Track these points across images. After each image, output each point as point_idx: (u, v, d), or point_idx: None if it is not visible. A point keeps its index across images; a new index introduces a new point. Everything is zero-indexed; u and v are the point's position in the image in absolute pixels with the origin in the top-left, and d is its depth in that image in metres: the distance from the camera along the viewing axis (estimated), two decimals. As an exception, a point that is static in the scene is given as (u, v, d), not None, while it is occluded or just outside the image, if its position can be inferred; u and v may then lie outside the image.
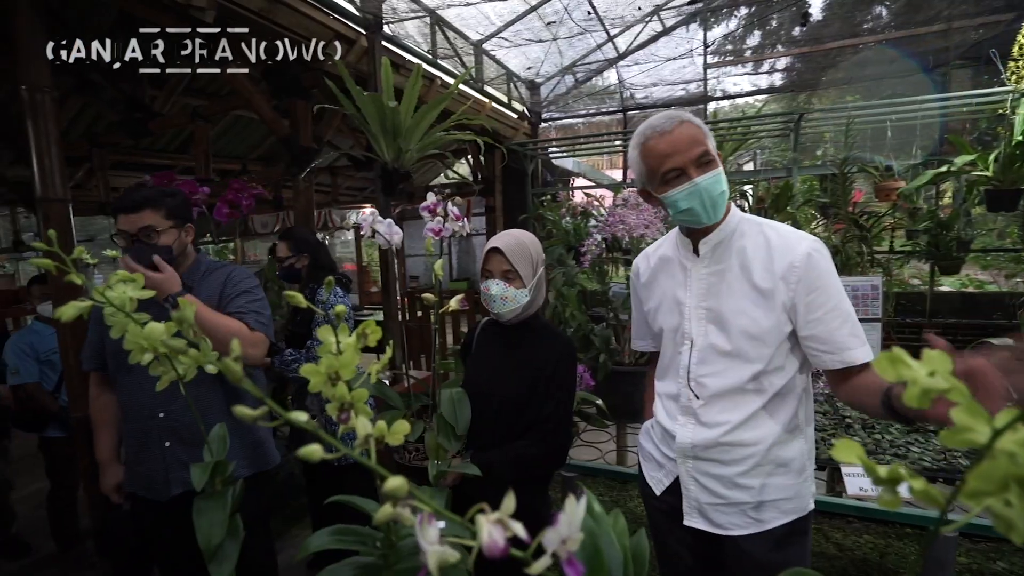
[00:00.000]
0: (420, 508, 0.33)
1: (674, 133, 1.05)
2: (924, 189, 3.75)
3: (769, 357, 1.06)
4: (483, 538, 0.28)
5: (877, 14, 5.63)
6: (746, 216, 1.14)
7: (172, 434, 1.42)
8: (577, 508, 0.33)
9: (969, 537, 2.28)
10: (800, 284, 1.03)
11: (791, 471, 1.08)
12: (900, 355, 0.36)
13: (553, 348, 1.32)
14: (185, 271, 1.48)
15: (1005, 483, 0.28)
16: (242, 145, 5.60)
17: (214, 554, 0.60)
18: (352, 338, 0.48)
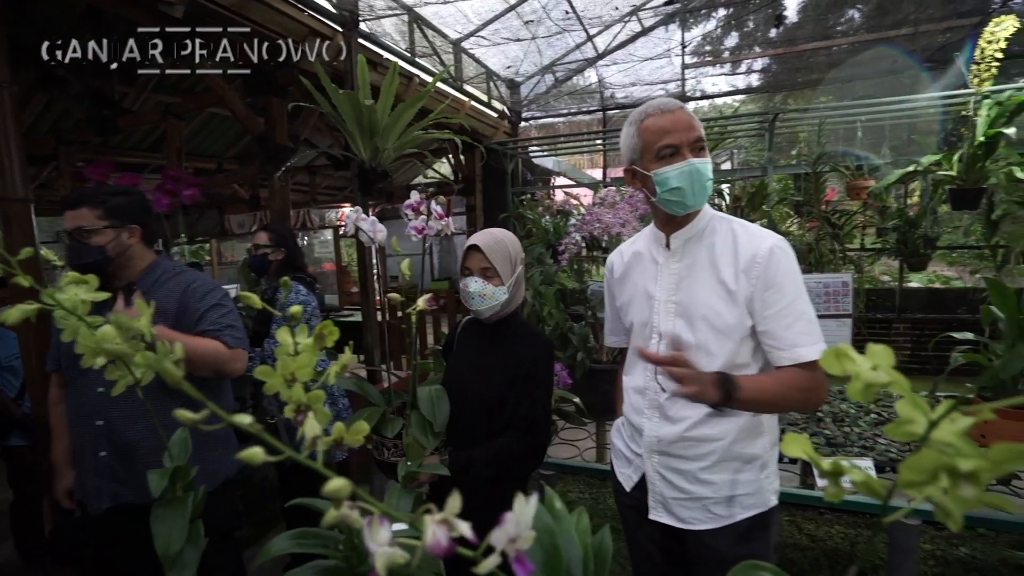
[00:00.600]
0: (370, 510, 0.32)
1: (676, 114, 1.08)
2: (893, 188, 3.86)
3: (733, 352, 1.07)
4: (426, 538, 0.28)
5: (849, 17, 5.77)
6: (717, 214, 1.16)
7: (108, 443, 1.37)
8: (527, 507, 0.33)
9: (933, 525, 2.35)
10: (759, 280, 1.04)
11: (753, 467, 1.10)
12: (845, 350, 0.37)
13: (531, 346, 1.32)
14: (138, 275, 1.43)
15: (935, 473, 0.29)
16: (217, 143, 5.49)
17: (173, 561, 0.59)
18: (310, 339, 0.47)
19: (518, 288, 1.35)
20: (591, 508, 2.72)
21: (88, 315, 0.57)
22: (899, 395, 0.37)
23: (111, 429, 1.37)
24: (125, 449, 1.37)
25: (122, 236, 1.39)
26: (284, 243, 2.21)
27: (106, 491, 1.38)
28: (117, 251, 1.38)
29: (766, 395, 1.02)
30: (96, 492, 1.38)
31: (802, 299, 1.04)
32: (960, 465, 0.27)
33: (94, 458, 1.38)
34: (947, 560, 2.25)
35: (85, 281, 0.57)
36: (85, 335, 0.54)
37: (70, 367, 1.43)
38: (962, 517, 0.35)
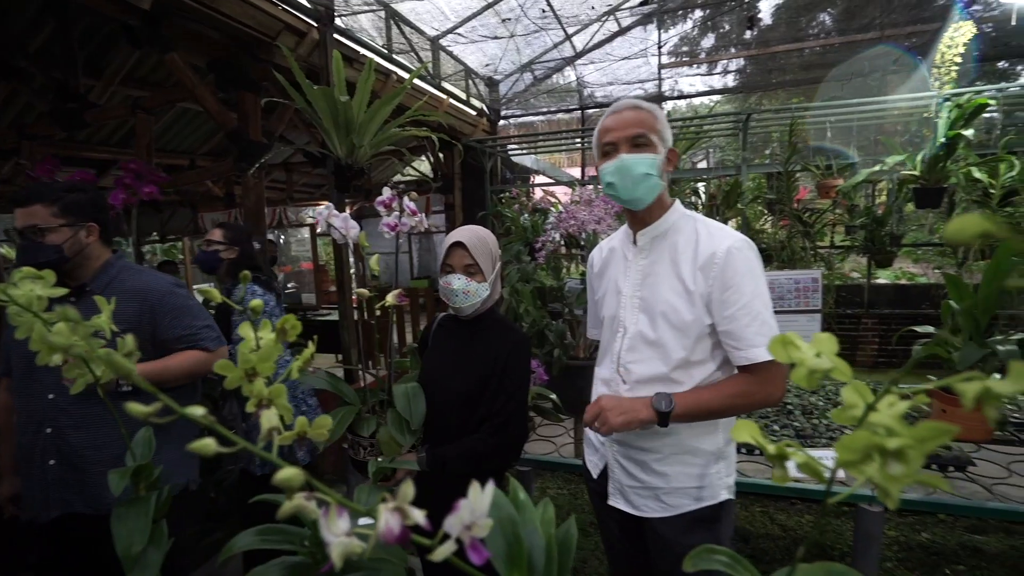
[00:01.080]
0: (326, 501, 0.33)
1: (622, 114, 1.13)
2: (861, 187, 3.97)
3: (690, 349, 1.10)
4: (379, 526, 0.29)
5: (821, 20, 5.91)
6: (687, 213, 1.19)
7: (56, 452, 1.33)
8: (482, 496, 0.34)
9: (897, 512, 2.44)
10: (717, 280, 1.06)
11: (705, 461, 1.13)
12: (792, 338, 0.39)
13: (506, 342, 1.33)
14: (91, 276, 1.38)
15: (868, 452, 0.31)
16: (190, 139, 5.36)
17: (135, 562, 0.58)
18: (272, 334, 0.47)
19: (496, 285, 1.37)
20: (569, 503, 2.75)
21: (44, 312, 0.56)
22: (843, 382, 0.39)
23: (60, 437, 1.33)
24: (74, 458, 1.33)
25: (79, 235, 1.34)
26: (238, 242, 2.13)
27: (55, 500, 1.33)
28: (74, 250, 1.33)
29: (702, 407, 1.06)
30: (44, 501, 1.33)
31: (759, 299, 1.06)
32: (887, 444, 0.29)
33: (43, 466, 1.33)
34: (910, 545, 2.33)
35: (41, 276, 0.55)
36: (40, 332, 0.53)
37: (20, 372, 1.37)
38: (898, 495, 0.36)
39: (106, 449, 1.34)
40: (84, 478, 1.33)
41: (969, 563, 2.19)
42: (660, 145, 1.12)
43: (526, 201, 2.88)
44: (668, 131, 1.15)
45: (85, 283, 1.37)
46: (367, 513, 0.32)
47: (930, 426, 0.29)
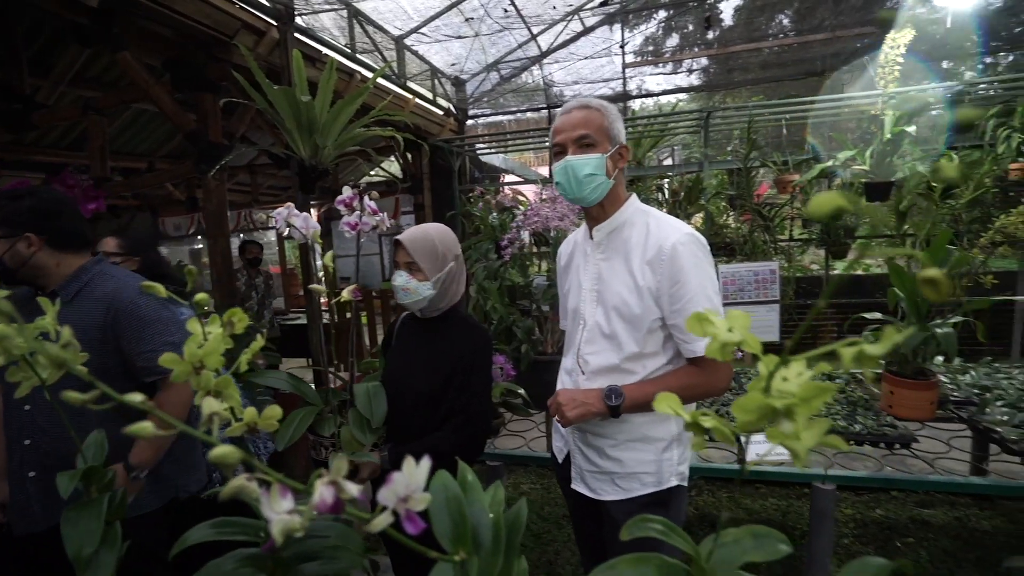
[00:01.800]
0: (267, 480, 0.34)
1: (571, 114, 1.16)
2: (816, 182, 4.13)
3: (641, 341, 1.15)
4: (314, 498, 0.31)
5: (779, 21, 6.11)
6: (641, 208, 1.23)
7: (37, 464, 1.30)
8: (417, 470, 0.36)
9: (854, 491, 2.56)
10: (665, 275, 1.10)
11: (655, 448, 1.19)
12: (707, 315, 0.42)
13: (467, 340, 1.34)
14: (60, 283, 1.34)
15: (760, 412, 0.34)
16: (148, 141, 5.19)
17: (87, 564, 0.58)
18: (219, 329, 0.48)
19: (450, 285, 1.36)
20: (542, 497, 2.78)
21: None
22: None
23: (38, 449, 1.30)
24: (54, 471, 1.30)
25: (18, 246, 1.28)
26: (138, 251, 2.00)
27: (38, 513, 1.30)
28: (16, 262, 1.28)
29: (648, 398, 1.08)
30: (24, 514, 1.31)
31: (704, 294, 1.09)
32: (774, 403, 0.32)
33: (24, 479, 1.31)
34: (865, 522, 2.45)
35: (-20, 279, 0.55)
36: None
37: (4, 381, 1.35)
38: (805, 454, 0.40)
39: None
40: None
41: (918, 535, 2.32)
42: (607, 143, 1.15)
43: (491, 200, 2.90)
44: (618, 127, 1.17)
45: (55, 291, 1.33)
46: (305, 490, 0.34)
47: (810, 386, 0.32)
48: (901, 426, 1.90)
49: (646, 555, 0.50)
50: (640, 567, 0.50)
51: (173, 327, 1.39)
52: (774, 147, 4.26)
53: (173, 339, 1.37)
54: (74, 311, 1.31)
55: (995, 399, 1.98)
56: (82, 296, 1.34)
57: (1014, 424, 1.80)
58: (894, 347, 1.24)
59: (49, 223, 1.34)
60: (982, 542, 2.22)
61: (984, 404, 1.95)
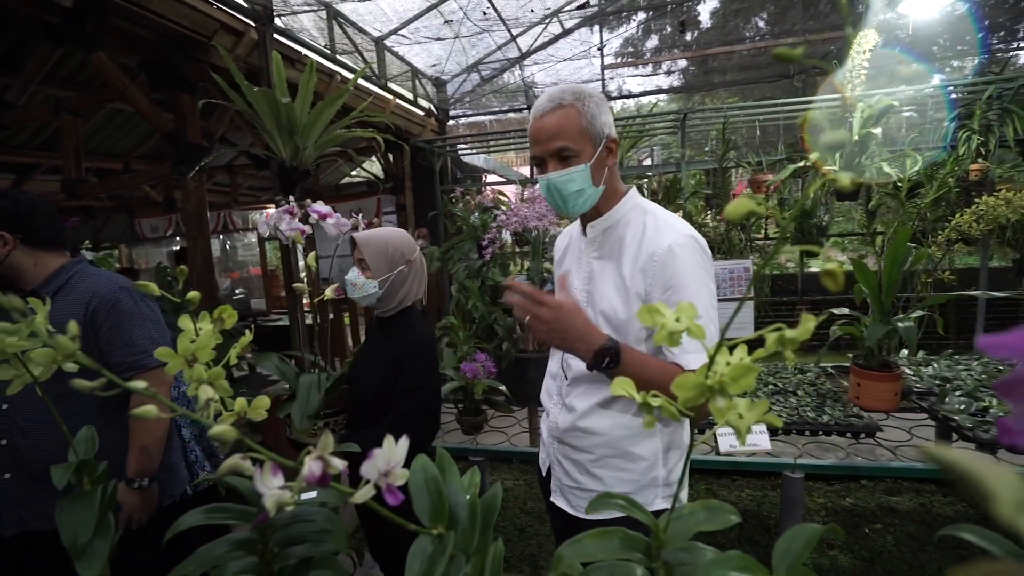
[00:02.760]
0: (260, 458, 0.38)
1: (544, 120, 1.01)
2: (790, 181, 4.26)
3: None
4: (304, 471, 0.34)
5: (754, 24, 6.27)
6: (640, 204, 1.10)
7: (13, 465, 1.30)
8: (396, 448, 0.40)
9: (825, 480, 2.66)
10: (657, 280, 0.99)
11: (637, 468, 1.07)
12: (658, 307, 0.47)
13: (405, 342, 1.38)
14: (40, 282, 1.36)
15: (699, 391, 0.39)
16: (124, 141, 5.10)
17: (82, 553, 0.60)
18: (210, 324, 0.51)
19: (403, 286, 1.41)
20: (525, 493, 2.83)
21: None
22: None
23: (14, 450, 1.30)
24: (30, 472, 1.30)
25: None
26: None
27: (10, 517, 1.30)
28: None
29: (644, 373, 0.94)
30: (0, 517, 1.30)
31: (699, 303, 0.94)
32: (707, 381, 0.37)
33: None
34: (836, 510, 2.55)
35: (-26, 281, 0.57)
36: (-24, 333, 0.54)
37: None
38: (745, 431, 0.45)
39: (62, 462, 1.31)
40: (40, 493, 1.30)
41: (885, 521, 2.42)
42: (590, 147, 1.01)
43: (470, 200, 2.94)
44: (602, 120, 1.02)
45: (35, 289, 1.34)
46: (297, 467, 0.37)
47: (737, 366, 0.37)
48: (867, 416, 1.99)
49: (610, 529, 0.54)
50: (605, 540, 0.54)
51: (150, 323, 1.40)
52: (749, 147, 4.38)
53: (151, 334, 1.39)
54: (54, 309, 1.32)
55: (954, 389, 2.08)
56: (62, 294, 1.35)
57: (970, 412, 1.90)
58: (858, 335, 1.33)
59: (23, 222, 1.35)
60: (944, 526, 2.33)
61: (943, 394, 2.04)
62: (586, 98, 1.01)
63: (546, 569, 2.26)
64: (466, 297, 2.07)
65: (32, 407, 1.30)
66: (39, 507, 1.31)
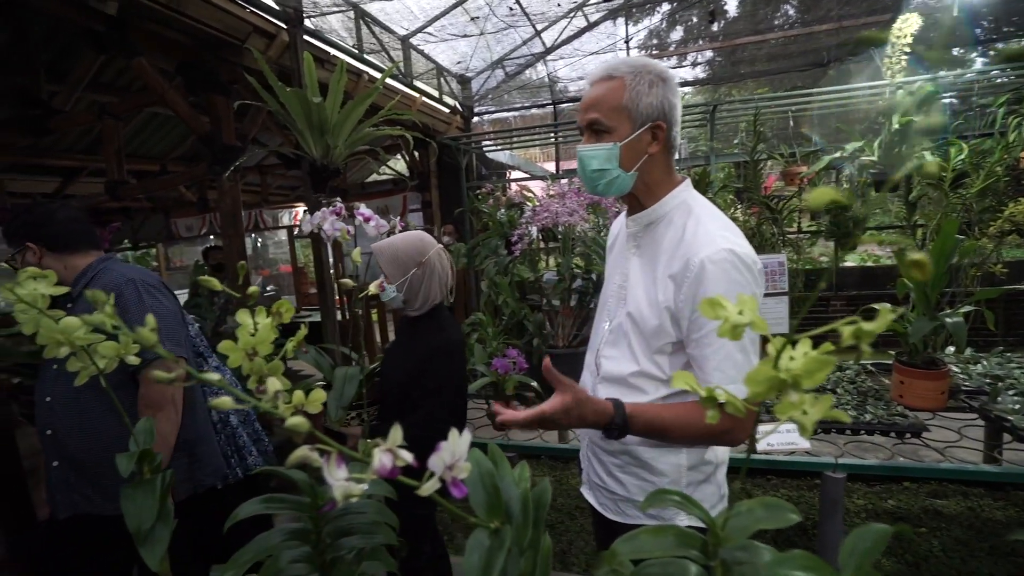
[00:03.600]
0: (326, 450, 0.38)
1: (591, 89, 0.97)
2: (826, 174, 4.13)
3: (653, 360, 0.97)
4: (374, 464, 0.34)
5: (784, 11, 6.09)
6: (688, 202, 1.00)
7: (58, 454, 1.39)
8: (460, 440, 0.40)
9: (864, 480, 2.58)
10: (688, 295, 0.90)
11: (659, 483, 1.01)
12: (719, 300, 0.45)
13: (428, 345, 1.42)
14: (72, 281, 1.45)
15: (770, 385, 0.37)
16: (161, 144, 5.27)
17: (145, 539, 0.62)
18: (267, 318, 0.52)
19: (420, 288, 1.45)
20: (555, 489, 2.82)
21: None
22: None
23: (57, 440, 1.39)
24: (73, 461, 1.39)
25: (26, 257, 1.42)
26: None
27: (62, 501, 1.39)
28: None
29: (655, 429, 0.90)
30: (53, 500, 1.40)
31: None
32: (780, 374, 0.36)
33: (50, 468, 1.40)
34: (877, 512, 2.47)
35: (44, 275, 0.59)
36: (47, 326, 0.57)
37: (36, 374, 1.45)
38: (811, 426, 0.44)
39: (102, 453, 1.38)
40: (88, 480, 1.39)
41: (930, 525, 2.33)
42: (627, 126, 0.94)
43: (501, 196, 2.94)
44: (649, 100, 0.93)
45: (70, 291, 1.43)
46: (365, 461, 0.38)
47: (812, 359, 0.36)
48: (912, 415, 1.92)
49: (664, 526, 0.53)
50: (660, 537, 0.54)
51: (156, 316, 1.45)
52: (781, 139, 4.26)
53: (174, 331, 1.46)
54: (77, 307, 1.43)
55: (1007, 388, 1.99)
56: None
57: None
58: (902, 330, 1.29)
59: (42, 230, 1.45)
60: (995, 531, 2.24)
61: (995, 393, 1.96)
62: (642, 74, 0.93)
63: (577, 565, 2.26)
64: (496, 293, 2.08)
65: (67, 398, 1.38)
66: (88, 491, 1.39)
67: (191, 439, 1.53)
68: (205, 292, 3.10)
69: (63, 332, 0.59)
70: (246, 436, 1.80)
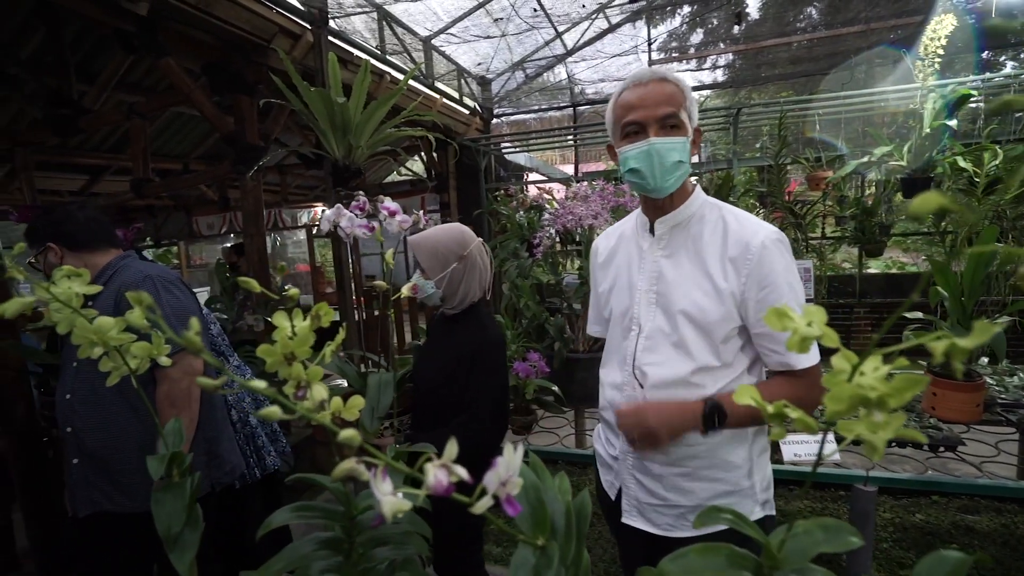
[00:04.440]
0: (374, 463, 0.36)
1: (647, 87, 0.99)
2: (850, 178, 4.04)
3: (715, 351, 1.00)
4: (429, 480, 0.33)
5: (808, 14, 5.98)
6: (710, 200, 1.08)
7: (78, 451, 1.40)
8: (515, 454, 0.38)
9: (892, 494, 2.50)
10: (751, 278, 0.96)
11: (734, 477, 1.01)
12: (786, 310, 0.43)
13: (474, 340, 1.36)
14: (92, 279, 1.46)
15: (853, 402, 0.35)
16: (184, 143, 5.36)
17: (175, 543, 0.61)
18: (307, 321, 0.51)
19: (460, 284, 1.39)
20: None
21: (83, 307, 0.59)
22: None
23: (77, 437, 1.39)
24: (93, 458, 1.39)
25: (48, 257, 1.45)
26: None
27: (82, 498, 1.39)
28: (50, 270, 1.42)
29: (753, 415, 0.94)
30: (74, 498, 1.41)
31: (796, 300, 0.97)
32: (869, 393, 0.33)
33: (70, 465, 1.41)
34: (905, 526, 2.39)
35: (79, 274, 0.59)
36: (82, 326, 0.56)
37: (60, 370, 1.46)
38: (883, 447, 0.41)
39: (121, 450, 1.38)
40: (107, 477, 1.39)
41: (961, 541, 2.25)
42: (688, 126, 1.01)
43: (522, 198, 2.92)
44: (696, 107, 1.03)
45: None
46: (411, 474, 0.36)
47: (904, 378, 0.33)
48: (946, 428, 1.85)
49: (716, 544, 0.51)
50: (710, 557, 0.51)
51: (171, 313, 1.42)
52: (804, 143, 4.18)
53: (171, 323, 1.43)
54: (97, 305, 1.40)
55: (1045, 402, 1.92)
56: (105, 289, 1.42)
57: (1066, 427, 1.74)
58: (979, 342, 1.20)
59: (60, 229, 1.47)
60: (1030, 549, 2.15)
61: (1033, 406, 1.89)
62: (685, 84, 1.02)
63: (595, 573, 2.22)
64: (517, 296, 2.06)
65: (84, 398, 1.39)
66: (107, 489, 1.39)
67: (210, 437, 1.53)
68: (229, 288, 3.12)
69: (97, 332, 0.58)
70: (264, 436, 1.80)
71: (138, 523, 1.37)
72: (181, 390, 1.37)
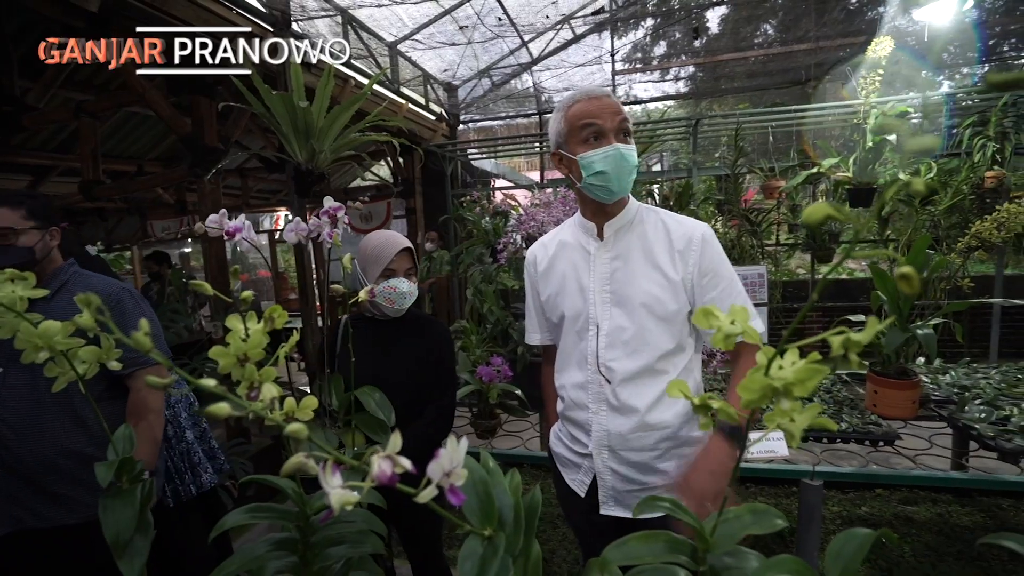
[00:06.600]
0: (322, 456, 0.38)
1: (602, 100, 1.09)
2: (801, 188, 4.24)
3: (673, 337, 1.09)
4: (374, 470, 0.34)
5: (764, 31, 6.26)
6: (643, 205, 1.19)
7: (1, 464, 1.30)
8: (458, 447, 0.40)
9: (839, 488, 2.63)
10: (696, 265, 1.09)
11: (695, 453, 1.06)
12: (711, 309, 0.47)
13: (434, 334, 1.44)
14: (46, 280, 1.37)
15: (764, 393, 0.38)
16: (138, 144, 5.16)
17: (124, 550, 0.61)
18: (259, 324, 0.52)
19: None
20: (537, 498, 2.82)
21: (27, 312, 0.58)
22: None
23: (5, 448, 1.28)
24: (20, 470, 1.29)
25: (47, 237, 1.35)
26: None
27: (3, 516, 1.29)
28: (43, 253, 1.34)
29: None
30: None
31: (736, 280, 1.11)
32: (774, 383, 0.37)
33: None
34: (851, 519, 2.52)
35: (23, 277, 0.58)
36: (27, 331, 0.55)
37: None
38: (799, 434, 0.45)
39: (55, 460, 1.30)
40: (31, 490, 1.29)
41: (901, 531, 2.39)
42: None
43: (487, 204, 2.95)
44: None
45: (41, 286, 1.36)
46: (361, 467, 0.37)
47: (805, 367, 0.37)
48: (885, 424, 1.97)
49: (655, 532, 0.54)
50: (650, 543, 0.54)
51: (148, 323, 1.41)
52: (760, 154, 4.37)
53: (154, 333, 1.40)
54: (54, 308, 1.32)
55: (973, 398, 2.06)
56: (62, 293, 1.36)
57: (991, 421, 1.88)
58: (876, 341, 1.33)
59: (57, 220, 1.41)
60: (962, 536, 2.30)
61: (963, 403, 2.02)
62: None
63: (559, 573, 2.25)
64: (481, 301, 2.08)
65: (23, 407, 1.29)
66: (35, 505, 1.30)
67: None
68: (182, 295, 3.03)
69: (42, 336, 0.57)
70: (202, 453, 1.75)
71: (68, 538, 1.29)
72: (156, 399, 1.37)
